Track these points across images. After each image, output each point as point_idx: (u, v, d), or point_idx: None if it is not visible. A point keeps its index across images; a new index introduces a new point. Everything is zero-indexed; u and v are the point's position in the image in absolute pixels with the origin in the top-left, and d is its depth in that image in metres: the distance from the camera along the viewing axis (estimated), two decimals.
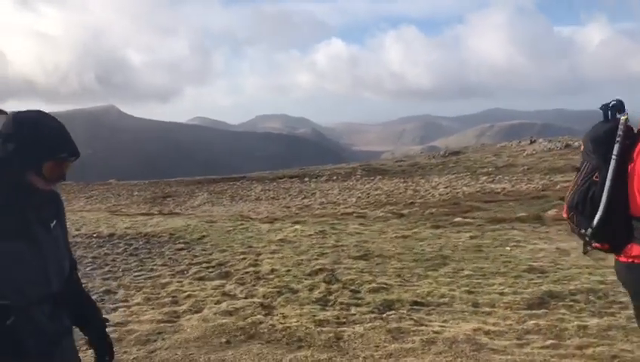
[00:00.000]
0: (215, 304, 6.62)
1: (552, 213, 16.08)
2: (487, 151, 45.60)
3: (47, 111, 2.20)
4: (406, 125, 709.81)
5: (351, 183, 37.47)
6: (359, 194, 30.86)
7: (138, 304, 6.79)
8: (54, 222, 2.24)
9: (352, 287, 7.23)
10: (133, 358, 5.05)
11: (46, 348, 2.15)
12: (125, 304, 6.80)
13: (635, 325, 5.62)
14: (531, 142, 45.69)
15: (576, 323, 5.66)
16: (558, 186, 24.34)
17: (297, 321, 5.80)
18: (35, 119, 2.09)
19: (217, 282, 7.82)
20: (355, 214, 18.82)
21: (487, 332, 5.45)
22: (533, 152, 39.35)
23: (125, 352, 5.16)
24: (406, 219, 16.19)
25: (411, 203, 23.84)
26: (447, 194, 27.22)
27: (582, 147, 2.94)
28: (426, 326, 5.65)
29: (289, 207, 27.15)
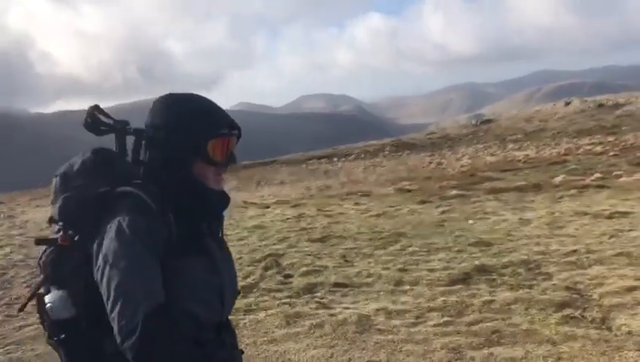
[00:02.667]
0: None
1: (559, 179, 15.61)
2: (520, 118, 44.37)
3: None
4: (451, 95, 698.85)
5: (377, 160, 37.15)
6: (382, 171, 30.56)
7: None
8: (221, 233, 1.86)
9: (288, 272, 7.25)
10: (37, 354, 5.19)
11: None
12: None
13: (543, 297, 5.47)
14: (566, 104, 44.15)
15: (484, 298, 5.53)
16: (581, 150, 23.50)
17: None
18: (179, 98, 1.77)
19: None
20: (360, 193, 18.68)
21: (388, 312, 5.39)
22: (565, 115, 38.07)
23: (32, 349, 5.31)
24: (404, 195, 16.02)
25: (428, 177, 23.47)
26: (469, 165, 26.69)
27: None
28: (329, 308, 5.62)
29: (310, 189, 27.11)
